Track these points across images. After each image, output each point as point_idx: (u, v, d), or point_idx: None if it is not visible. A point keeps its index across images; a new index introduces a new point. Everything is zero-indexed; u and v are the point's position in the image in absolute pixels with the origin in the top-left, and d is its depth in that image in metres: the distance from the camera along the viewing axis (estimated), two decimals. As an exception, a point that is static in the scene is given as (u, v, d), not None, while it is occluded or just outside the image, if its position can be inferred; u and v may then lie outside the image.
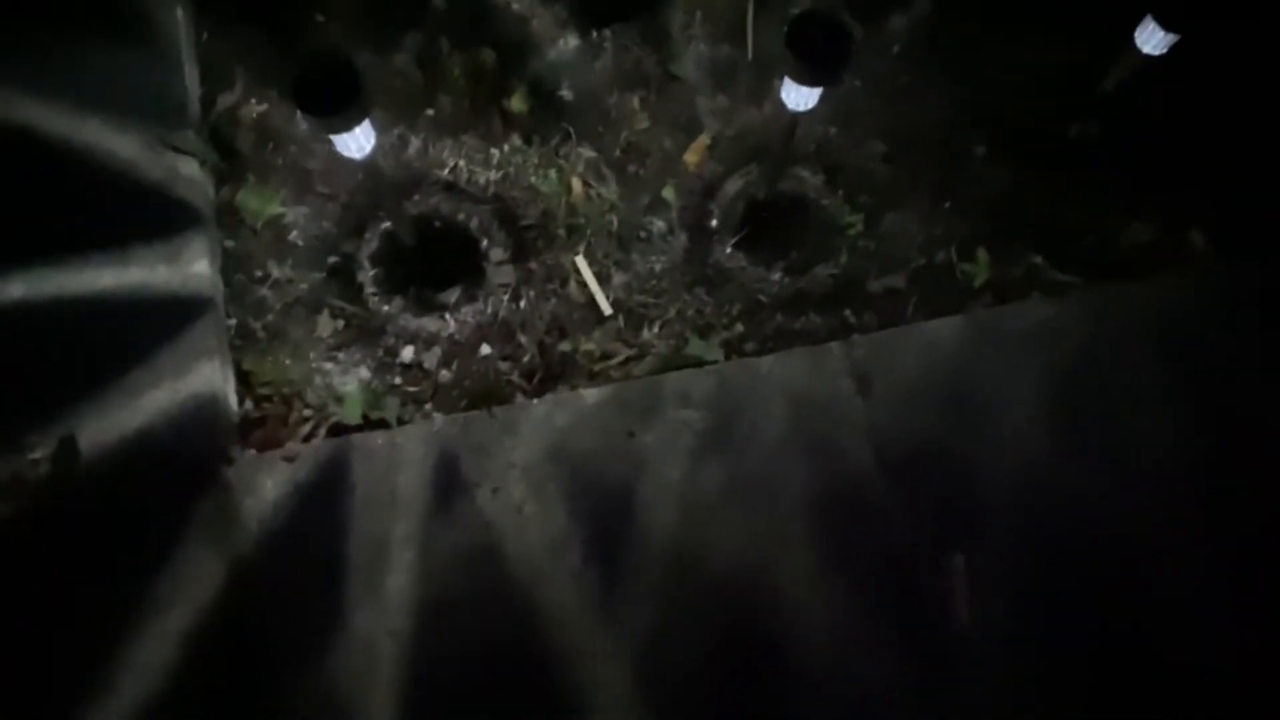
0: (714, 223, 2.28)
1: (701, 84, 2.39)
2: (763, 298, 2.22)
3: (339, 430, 2.04)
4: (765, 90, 2.38)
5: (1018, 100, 2.35)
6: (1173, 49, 1.95)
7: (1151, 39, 1.94)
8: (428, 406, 2.10)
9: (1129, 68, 2.04)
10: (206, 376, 2.00)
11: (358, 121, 1.70)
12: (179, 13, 2.33)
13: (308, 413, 2.05)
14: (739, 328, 2.19)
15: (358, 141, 1.75)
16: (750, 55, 2.45)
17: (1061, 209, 2.28)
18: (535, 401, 2.06)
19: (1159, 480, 2.02)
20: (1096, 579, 1.96)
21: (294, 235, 2.23)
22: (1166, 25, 1.88)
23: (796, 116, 1.94)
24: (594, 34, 2.43)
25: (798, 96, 1.86)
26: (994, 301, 2.20)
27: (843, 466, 2.01)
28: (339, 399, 2.09)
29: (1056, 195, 2.29)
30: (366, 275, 2.20)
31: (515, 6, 2.47)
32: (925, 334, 2.13)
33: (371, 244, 2.23)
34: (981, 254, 2.26)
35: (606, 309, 2.18)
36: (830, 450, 2.02)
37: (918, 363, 2.09)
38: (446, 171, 2.29)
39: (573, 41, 2.44)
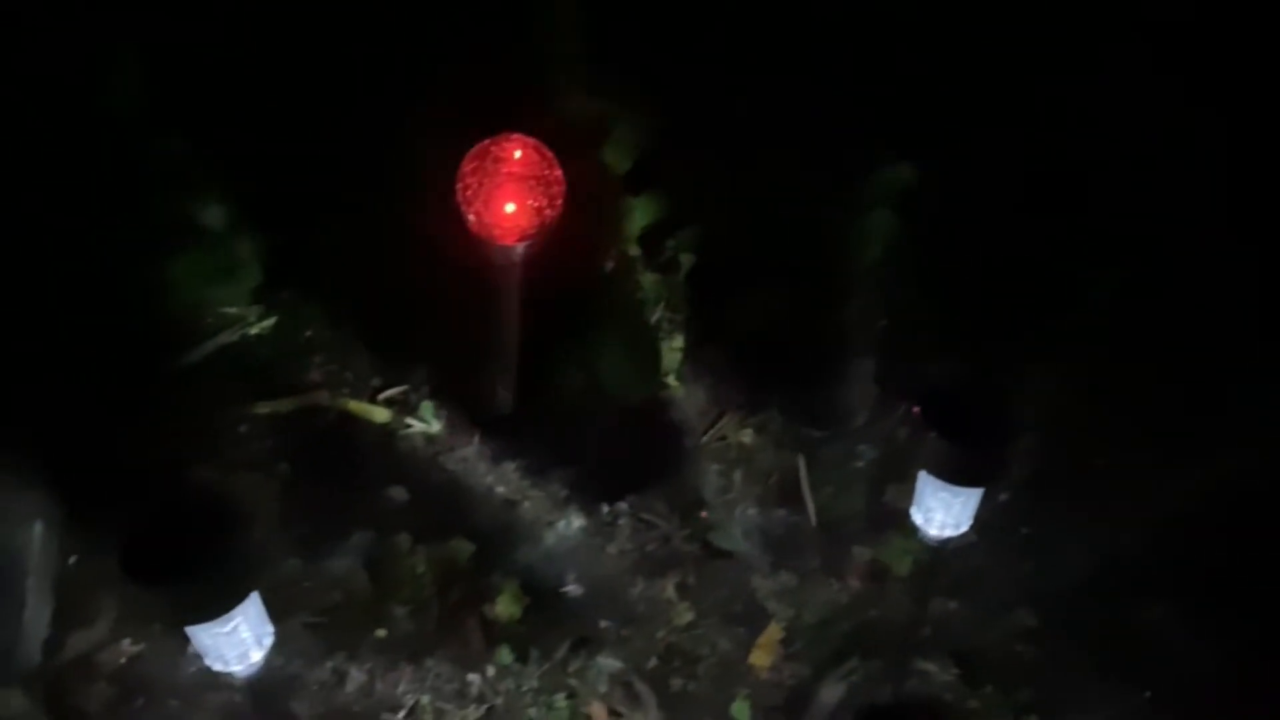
0: (816, 751, 1.66)
1: (756, 559, 1.89)
2: None
3: None
4: (842, 559, 1.89)
5: (1193, 529, 1.80)
6: None
7: None
8: None
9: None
10: None
11: (236, 603, 0.97)
12: (37, 530, 1.71)
13: None
14: None
15: (239, 642, 1.00)
16: (814, 519, 1.92)
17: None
18: None
19: None
20: None
21: None
22: None
23: (942, 551, 1.26)
24: (604, 509, 1.93)
25: (947, 514, 1.20)
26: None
27: None
28: None
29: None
30: None
31: (500, 490, 1.95)
32: None
33: None
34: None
35: None
36: None
37: None
38: (403, 715, 1.70)
39: (577, 522, 1.92)
